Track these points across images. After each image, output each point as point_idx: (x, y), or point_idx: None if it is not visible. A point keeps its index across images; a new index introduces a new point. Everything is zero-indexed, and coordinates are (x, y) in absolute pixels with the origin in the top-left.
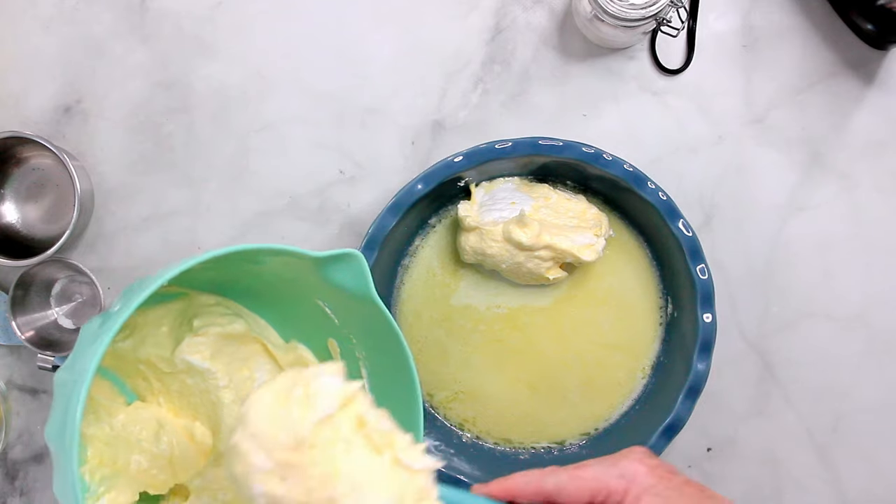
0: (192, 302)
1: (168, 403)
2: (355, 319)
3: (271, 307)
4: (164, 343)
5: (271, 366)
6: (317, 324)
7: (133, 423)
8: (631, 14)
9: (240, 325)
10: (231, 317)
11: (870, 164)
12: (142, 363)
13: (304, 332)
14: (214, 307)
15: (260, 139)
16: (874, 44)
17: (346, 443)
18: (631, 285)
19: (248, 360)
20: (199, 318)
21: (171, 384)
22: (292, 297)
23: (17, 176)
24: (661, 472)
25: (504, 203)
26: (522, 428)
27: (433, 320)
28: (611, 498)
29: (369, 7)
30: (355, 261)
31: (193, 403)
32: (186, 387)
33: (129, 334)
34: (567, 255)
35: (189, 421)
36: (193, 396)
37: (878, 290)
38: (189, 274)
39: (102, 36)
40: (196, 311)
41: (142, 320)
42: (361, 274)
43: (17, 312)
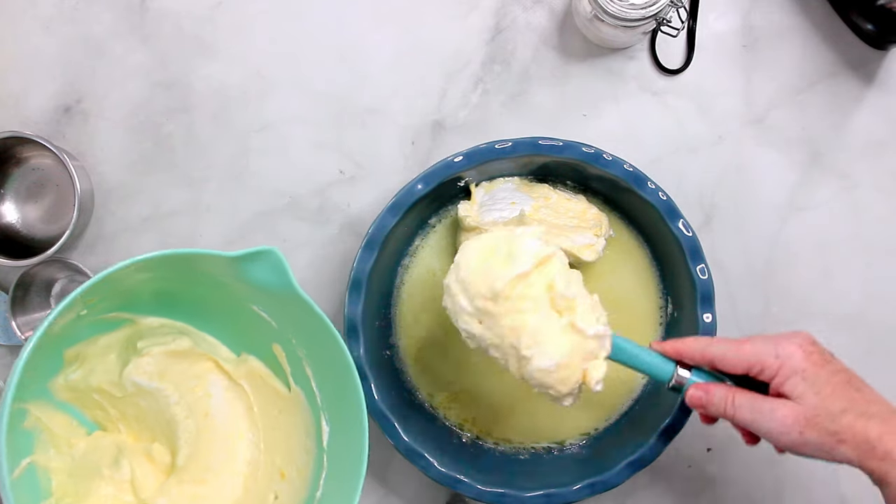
0: (138, 327)
1: (128, 429)
2: (289, 318)
3: (215, 322)
4: (113, 369)
5: (225, 381)
6: (259, 331)
7: (93, 452)
8: (631, 14)
9: (184, 341)
10: (175, 335)
11: (870, 164)
12: (95, 392)
13: (252, 343)
14: (159, 329)
15: (260, 139)
16: (874, 44)
17: (534, 301)
18: (631, 285)
19: (201, 378)
20: (144, 340)
21: (126, 409)
22: (231, 308)
23: (17, 176)
24: (816, 358)
25: (504, 203)
26: (522, 428)
27: (432, 321)
28: (764, 373)
29: (369, 7)
30: (272, 256)
31: (150, 425)
32: (141, 410)
33: (78, 366)
34: (567, 256)
35: (148, 443)
36: (149, 418)
37: (878, 290)
38: (127, 296)
39: (102, 36)
40: (142, 334)
41: (89, 351)
42: (281, 269)
43: (17, 312)
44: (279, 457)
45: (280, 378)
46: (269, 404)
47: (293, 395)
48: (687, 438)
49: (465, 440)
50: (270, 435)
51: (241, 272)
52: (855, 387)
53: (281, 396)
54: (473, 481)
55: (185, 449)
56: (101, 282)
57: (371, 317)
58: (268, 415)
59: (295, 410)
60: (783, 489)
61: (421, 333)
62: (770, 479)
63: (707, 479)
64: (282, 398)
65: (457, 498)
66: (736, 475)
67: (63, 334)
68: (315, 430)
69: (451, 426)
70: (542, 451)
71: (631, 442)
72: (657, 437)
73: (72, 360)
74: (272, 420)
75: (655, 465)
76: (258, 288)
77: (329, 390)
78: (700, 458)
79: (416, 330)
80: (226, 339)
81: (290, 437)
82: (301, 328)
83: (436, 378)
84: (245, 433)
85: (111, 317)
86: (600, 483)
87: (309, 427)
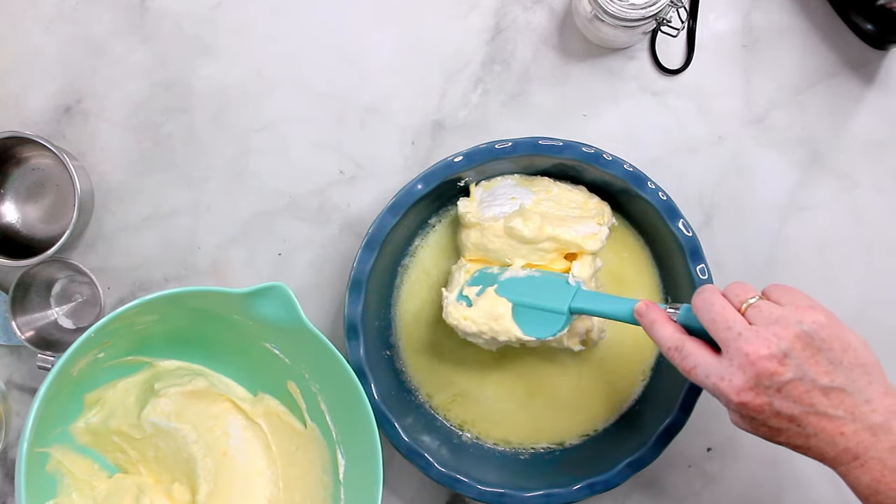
0: (156, 370)
1: (148, 471)
2: (301, 353)
3: (230, 362)
4: (132, 411)
5: (243, 420)
6: (273, 369)
7: (115, 494)
8: (631, 14)
9: (200, 382)
10: (191, 376)
11: (870, 164)
12: (115, 434)
13: (266, 381)
14: (176, 371)
15: (260, 139)
16: (874, 44)
17: None
18: (631, 285)
19: (219, 418)
20: (159, 381)
21: (146, 451)
22: (244, 347)
23: (17, 176)
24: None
25: (504, 198)
26: (522, 429)
27: (431, 321)
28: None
29: (369, 7)
30: (279, 291)
31: (170, 465)
32: (160, 451)
33: (98, 410)
34: (571, 246)
35: (168, 484)
36: (168, 459)
37: (878, 290)
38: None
39: (102, 36)
40: (159, 377)
41: (109, 394)
42: (289, 303)
43: (17, 312)
44: (298, 494)
45: (296, 415)
46: (287, 441)
47: (309, 431)
48: (687, 438)
49: (465, 440)
50: (288, 472)
51: (250, 309)
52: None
53: (297, 433)
54: (473, 481)
55: (205, 487)
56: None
57: (371, 317)
58: (286, 452)
59: (311, 446)
60: (783, 489)
61: (421, 333)
62: (770, 479)
63: (707, 479)
64: (298, 435)
65: (457, 498)
66: (736, 475)
67: (82, 378)
68: (331, 464)
69: (451, 426)
70: (542, 452)
71: (631, 442)
72: (657, 437)
73: (92, 404)
74: (290, 457)
75: (655, 465)
76: (268, 324)
77: (343, 423)
78: (700, 458)
79: (416, 330)
80: (241, 378)
81: (307, 473)
82: (313, 362)
83: (435, 378)
84: (264, 471)
85: (129, 360)
86: (600, 483)
87: (325, 462)
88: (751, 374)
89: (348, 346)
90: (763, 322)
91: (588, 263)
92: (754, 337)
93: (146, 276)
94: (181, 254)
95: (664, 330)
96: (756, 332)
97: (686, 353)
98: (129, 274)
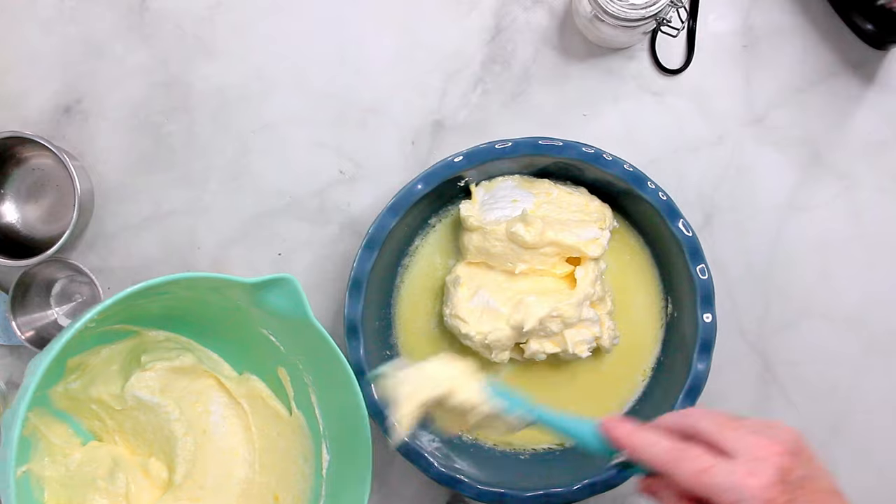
0: (142, 339)
1: (124, 442)
2: (299, 344)
3: (221, 340)
4: (114, 381)
5: (226, 399)
6: (265, 353)
7: (88, 463)
8: (631, 14)
9: (188, 358)
10: (179, 350)
11: (870, 164)
12: (94, 403)
13: (255, 363)
14: (164, 342)
15: (260, 139)
16: (874, 44)
17: None
18: (631, 286)
19: (202, 395)
20: (147, 354)
21: (124, 422)
22: (239, 328)
23: (17, 176)
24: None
25: (506, 201)
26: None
27: (432, 322)
28: None
29: (369, 7)
30: (289, 284)
31: (148, 440)
32: (139, 423)
33: (79, 375)
34: (572, 251)
35: (144, 458)
36: (147, 433)
37: (878, 290)
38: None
39: (102, 36)
40: (146, 347)
41: (92, 360)
42: (296, 297)
43: (17, 312)
44: (274, 479)
45: (282, 400)
46: (268, 425)
47: (294, 419)
48: None
49: (465, 440)
50: (267, 456)
51: (257, 298)
52: None
53: (281, 419)
54: (473, 481)
55: (183, 466)
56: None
57: (371, 317)
58: (266, 436)
59: (294, 435)
60: None
61: (421, 333)
62: None
63: None
64: (281, 420)
65: (457, 498)
66: None
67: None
68: (314, 457)
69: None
70: (542, 451)
71: None
72: None
73: (73, 369)
74: (270, 441)
75: None
76: (271, 313)
77: (334, 419)
78: None
79: (416, 330)
80: (229, 357)
81: (286, 460)
82: (311, 355)
83: None
84: (241, 451)
85: (117, 328)
86: (600, 483)
87: (307, 453)
88: (774, 469)
89: (348, 346)
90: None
91: (591, 268)
92: (762, 436)
93: (146, 275)
94: (181, 254)
95: (650, 438)
96: (760, 433)
97: (695, 453)
98: (129, 274)
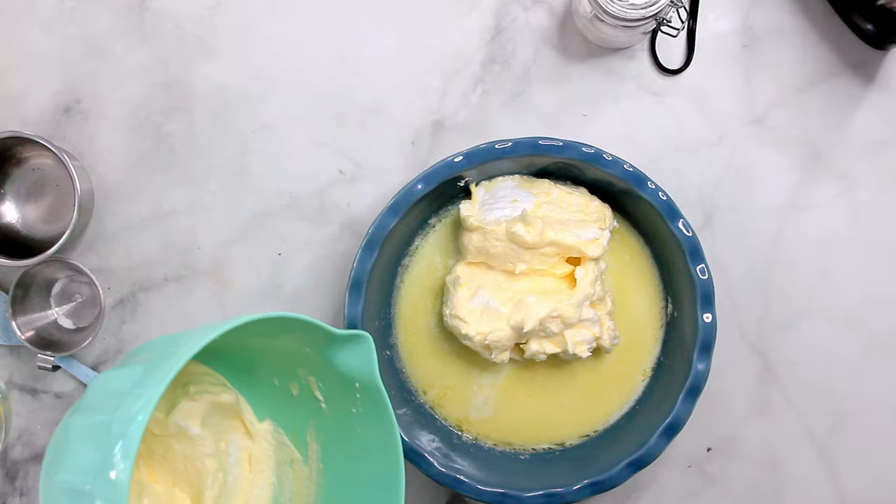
0: (186, 369)
1: (147, 468)
2: (344, 398)
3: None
4: (159, 406)
5: (246, 442)
6: (297, 402)
7: None
8: (631, 14)
9: (229, 395)
10: (221, 387)
11: (870, 164)
12: None
13: (281, 411)
14: (205, 376)
15: (260, 139)
16: (874, 44)
17: None
18: (631, 286)
19: (227, 434)
20: (194, 385)
21: (156, 447)
22: (278, 372)
23: (17, 176)
24: None
25: (506, 201)
26: (522, 430)
27: (432, 322)
28: None
29: (369, 7)
30: (365, 342)
31: (175, 469)
32: (172, 451)
33: None
34: (572, 251)
35: (167, 486)
36: (177, 462)
37: (878, 290)
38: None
39: (102, 36)
40: (189, 378)
41: None
42: (368, 357)
43: (17, 312)
44: None
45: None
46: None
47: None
48: (687, 438)
49: (465, 440)
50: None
51: (330, 348)
52: None
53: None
54: (473, 481)
55: (210, 502)
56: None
57: (371, 317)
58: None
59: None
60: (783, 489)
61: (421, 334)
62: (770, 479)
63: (707, 479)
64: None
65: (457, 498)
66: (736, 475)
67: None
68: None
69: (450, 426)
70: (542, 452)
71: (631, 442)
72: (657, 436)
73: None
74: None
75: (655, 465)
76: (335, 365)
77: (360, 481)
78: (700, 458)
79: (416, 330)
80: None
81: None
82: (353, 412)
83: (435, 378)
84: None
85: None
86: (600, 483)
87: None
88: None
89: None
90: None
91: (591, 268)
92: None
93: (146, 276)
94: (181, 254)
95: None
96: None
97: None
98: (129, 274)
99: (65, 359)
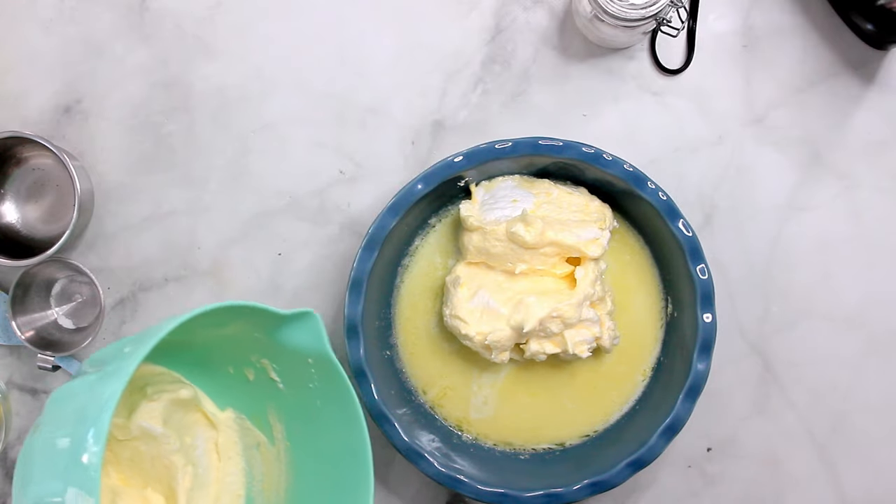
0: (141, 371)
1: (117, 472)
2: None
3: (207, 375)
4: (119, 411)
5: (211, 433)
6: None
7: None
8: (631, 14)
9: (187, 391)
10: (178, 383)
11: (870, 164)
12: None
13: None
14: (160, 376)
15: (260, 139)
16: (874, 44)
17: None
18: (631, 286)
19: (191, 428)
20: (151, 386)
21: (122, 452)
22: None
23: (17, 176)
24: None
25: (506, 201)
26: (522, 430)
27: (431, 322)
28: None
29: (369, 7)
30: (313, 319)
31: (144, 470)
32: (139, 454)
33: None
34: (572, 251)
35: (140, 488)
36: (145, 463)
37: (878, 290)
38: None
39: (102, 36)
40: (146, 379)
41: None
42: (317, 333)
43: (17, 312)
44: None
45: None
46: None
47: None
48: (687, 438)
49: (464, 440)
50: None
51: (278, 330)
52: None
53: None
54: (473, 481)
55: (183, 497)
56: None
57: (371, 317)
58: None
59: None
60: (783, 489)
61: (421, 333)
62: (770, 479)
63: (707, 479)
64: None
65: (457, 498)
66: (736, 475)
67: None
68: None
69: (450, 426)
70: (542, 452)
71: (631, 442)
72: (657, 436)
73: None
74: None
75: (655, 465)
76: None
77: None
78: (700, 458)
79: (416, 330)
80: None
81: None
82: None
83: (436, 378)
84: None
85: None
86: (600, 483)
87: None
88: None
89: (348, 346)
90: None
91: (591, 268)
92: None
93: (146, 276)
94: (181, 254)
95: None
96: None
97: None
98: (129, 274)
99: (65, 359)
